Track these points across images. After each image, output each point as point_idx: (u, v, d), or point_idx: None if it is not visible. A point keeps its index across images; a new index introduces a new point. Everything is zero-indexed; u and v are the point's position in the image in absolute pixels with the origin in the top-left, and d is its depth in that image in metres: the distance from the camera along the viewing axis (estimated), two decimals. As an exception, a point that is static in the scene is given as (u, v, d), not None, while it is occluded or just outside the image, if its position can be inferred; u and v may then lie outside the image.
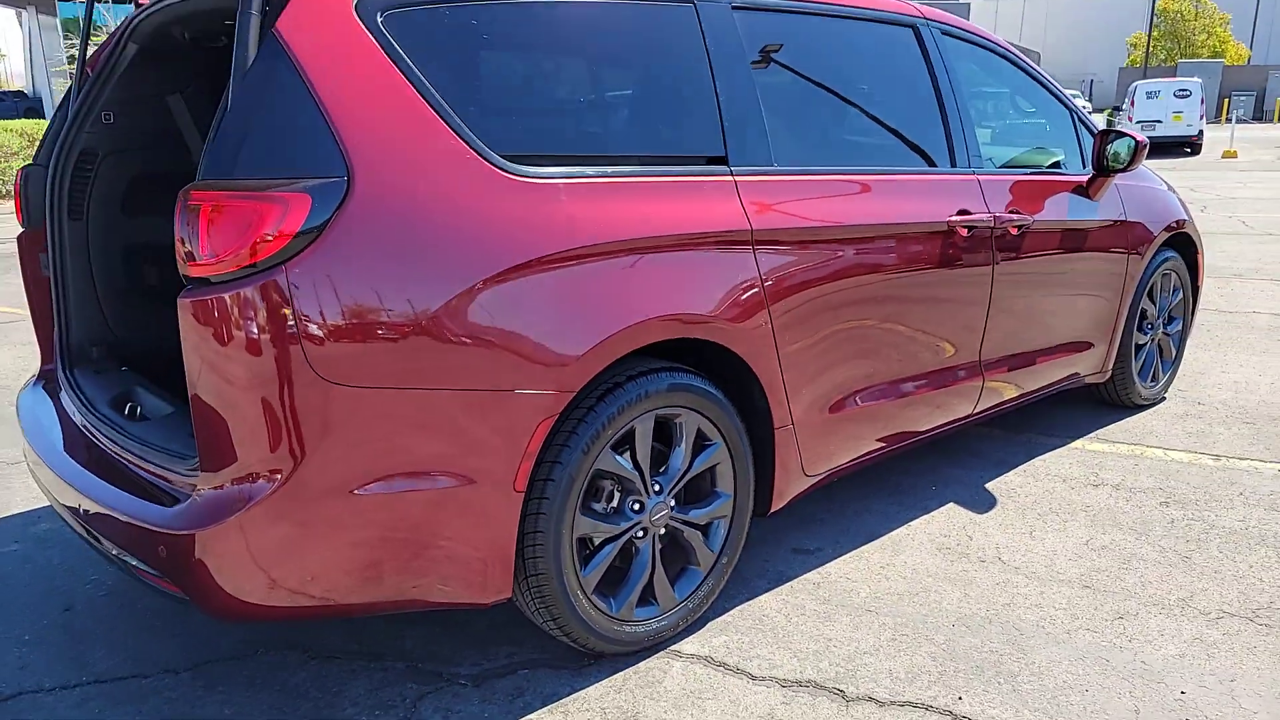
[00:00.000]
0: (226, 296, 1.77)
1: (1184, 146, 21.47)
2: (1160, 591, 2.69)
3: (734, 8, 2.56)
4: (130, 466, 2.18)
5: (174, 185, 3.01)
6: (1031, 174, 3.47)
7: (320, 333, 1.81)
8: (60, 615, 2.68)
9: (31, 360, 5.50)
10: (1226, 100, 34.03)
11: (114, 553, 2.07)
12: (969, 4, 48.49)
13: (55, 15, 35.18)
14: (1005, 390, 3.42)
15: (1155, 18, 41.83)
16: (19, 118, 24.62)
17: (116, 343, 2.91)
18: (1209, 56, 41.52)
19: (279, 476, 1.84)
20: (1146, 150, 3.58)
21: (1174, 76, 29.18)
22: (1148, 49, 40.84)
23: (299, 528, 1.88)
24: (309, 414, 1.83)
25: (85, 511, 2.14)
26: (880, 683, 2.28)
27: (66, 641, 2.53)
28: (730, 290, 2.37)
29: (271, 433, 1.82)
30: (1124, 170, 3.56)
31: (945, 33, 3.21)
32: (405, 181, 1.90)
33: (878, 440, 2.96)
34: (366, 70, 1.91)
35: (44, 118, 31.95)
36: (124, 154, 2.85)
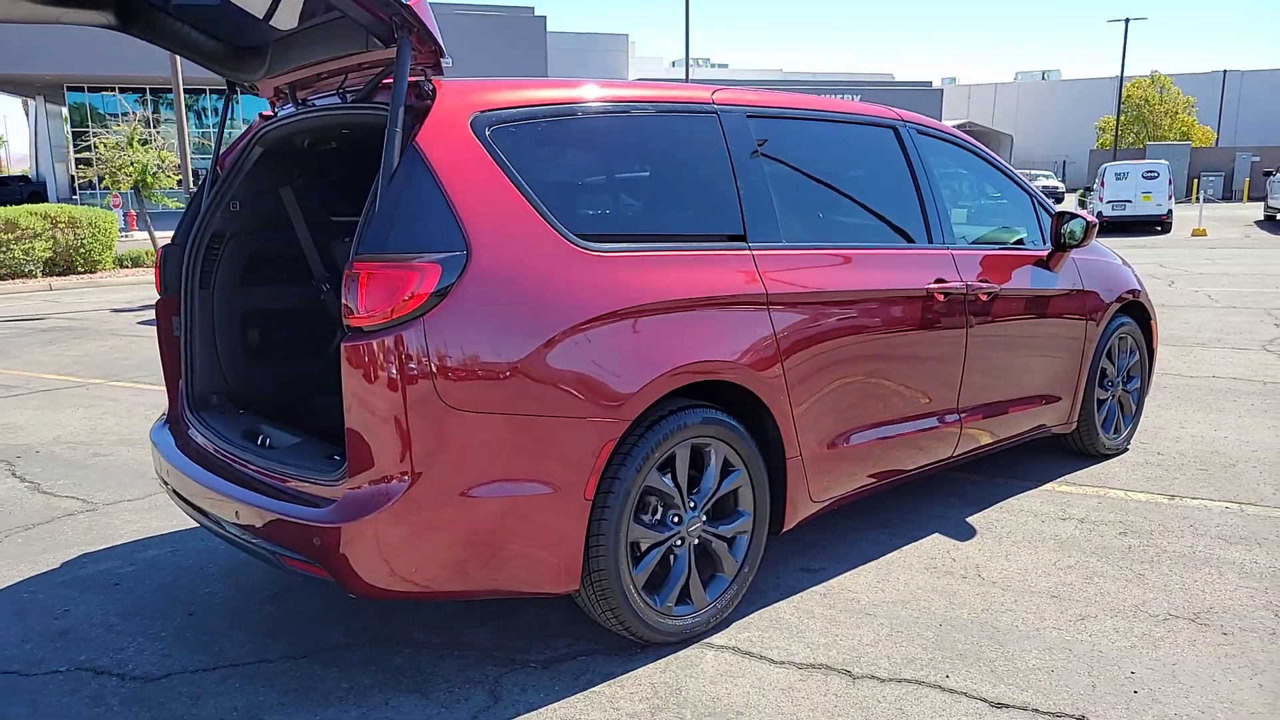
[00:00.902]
0: (377, 342, 2.32)
1: (1155, 225, 22.42)
2: (1116, 600, 3.18)
3: (748, 116, 3.18)
4: (274, 482, 2.69)
5: (281, 262, 3.59)
6: (998, 249, 4.08)
7: (446, 369, 2.36)
8: (186, 618, 3.15)
9: (96, 421, 6.02)
10: (1196, 180, 35.52)
11: (267, 550, 2.56)
12: (942, 90, 50.56)
13: (63, 104, 36.58)
14: (981, 436, 3.95)
15: (1123, 103, 43.78)
16: (24, 201, 25.40)
17: (231, 392, 3.44)
18: (1176, 139, 43.38)
19: (412, 480, 2.36)
20: (1097, 229, 4.20)
21: (1143, 159, 30.56)
22: (1116, 132, 42.68)
23: (424, 522, 2.39)
24: (436, 432, 2.36)
25: (240, 517, 2.65)
26: (880, 666, 2.76)
27: (196, 637, 3.00)
28: (751, 342, 2.93)
29: (408, 446, 2.34)
30: (1078, 246, 4.17)
31: (920, 131, 3.85)
32: (507, 254, 2.47)
33: (870, 475, 3.48)
34: (478, 171, 2.50)
35: (48, 200, 32.92)
36: (244, 236, 3.42)
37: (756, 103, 3.23)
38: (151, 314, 11.41)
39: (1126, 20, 39.93)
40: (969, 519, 3.95)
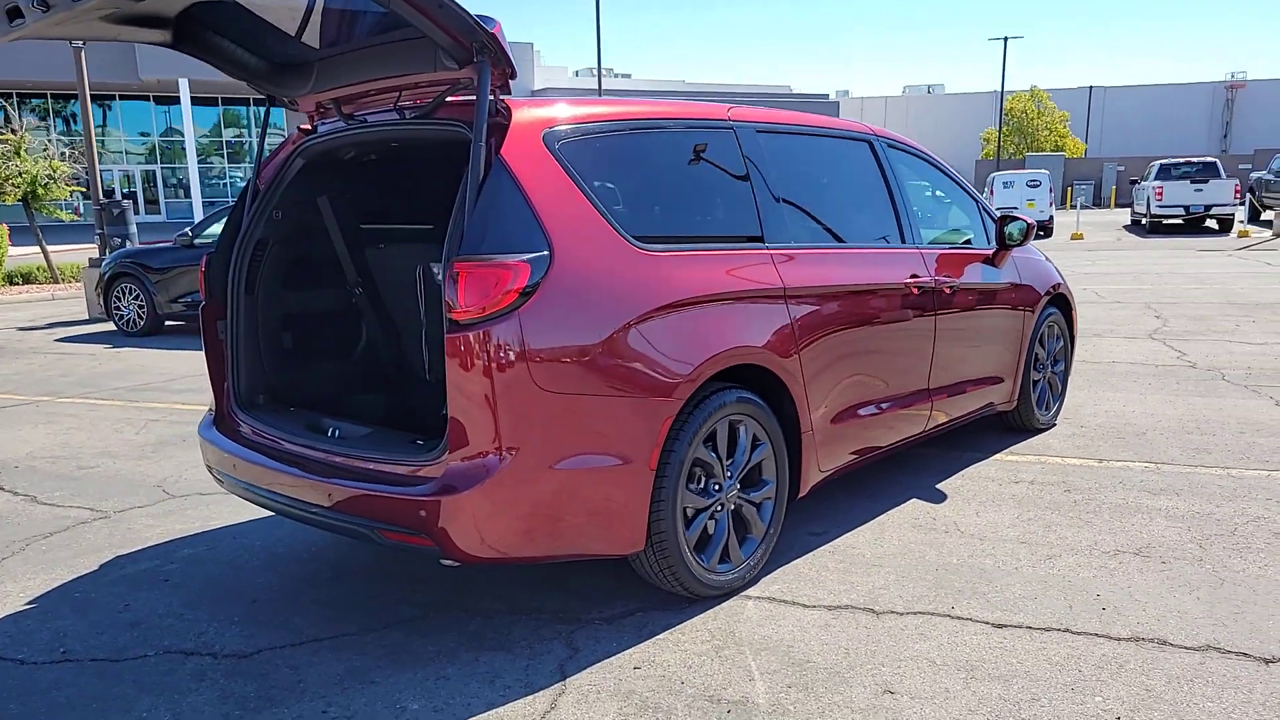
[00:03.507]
0: (476, 333, 2.63)
1: (1039, 230, 24.13)
2: (1074, 542, 3.72)
3: (757, 131, 3.60)
4: (365, 466, 2.93)
5: (317, 267, 3.82)
6: (953, 248, 4.62)
7: (536, 356, 2.68)
8: (250, 604, 3.34)
9: (64, 436, 5.99)
10: (1070, 189, 38.17)
11: (364, 525, 2.82)
12: (838, 103, 52.64)
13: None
14: (946, 413, 4.48)
15: (1004, 116, 46.59)
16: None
17: (275, 390, 3.64)
18: (1052, 150, 46.50)
19: (509, 455, 2.67)
20: (1035, 230, 4.79)
21: (1024, 169, 32.65)
22: (999, 143, 45.48)
23: (518, 493, 2.71)
24: (528, 412, 2.68)
25: (333, 499, 2.89)
26: (896, 603, 3.21)
27: (269, 619, 3.21)
28: (774, 330, 3.34)
29: (504, 424, 2.65)
30: (1019, 245, 4.76)
31: (890, 145, 4.36)
32: (582, 254, 2.81)
33: (863, 448, 3.94)
34: (553, 181, 2.83)
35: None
36: (285, 242, 3.64)
37: (762, 119, 3.66)
38: (68, 330, 11.14)
39: (1005, 39, 42.64)
40: (938, 485, 4.46)
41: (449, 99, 3.02)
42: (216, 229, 10.87)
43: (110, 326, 11.10)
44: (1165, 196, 22.58)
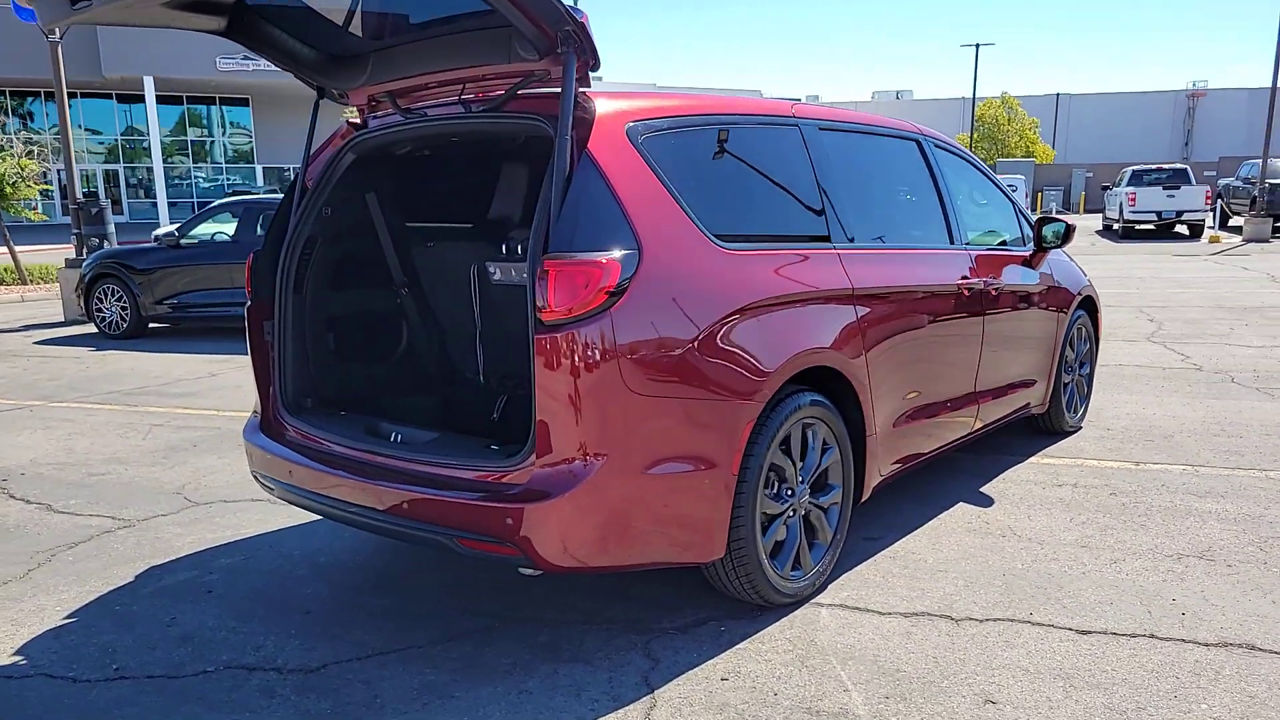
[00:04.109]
0: (567, 334, 2.53)
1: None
2: (1134, 546, 3.70)
3: (820, 129, 3.54)
4: (438, 472, 2.82)
5: (364, 266, 3.70)
6: (994, 250, 4.59)
7: (628, 357, 2.59)
8: (304, 616, 3.21)
9: (67, 442, 5.78)
10: (1040, 194, 38.70)
11: (438, 534, 2.70)
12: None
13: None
14: (991, 414, 4.44)
15: (975, 122, 47.14)
16: None
17: (323, 394, 3.51)
18: (1022, 156, 47.13)
19: (598, 460, 2.57)
20: (1075, 232, 4.79)
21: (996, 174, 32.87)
22: (970, 149, 45.94)
23: (608, 499, 2.61)
24: (620, 416, 2.59)
25: (407, 507, 2.77)
26: (973, 610, 3.15)
27: (327, 631, 3.08)
28: (843, 331, 3.27)
29: (596, 429, 2.56)
30: (1057, 247, 4.74)
31: (936, 145, 4.32)
32: (669, 252, 2.72)
33: (918, 451, 3.89)
34: (639, 176, 2.74)
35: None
36: (333, 240, 3.51)
37: (824, 116, 3.60)
38: (46, 333, 10.82)
39: (977, 45, 43.12)
40: (982, 490, 4.43)
41: (521, 92, 2.92)
42: (204, 229, 10.63)
43: (89, 329, 10.79)
44: (1138, 202, 22.93)
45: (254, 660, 2.90)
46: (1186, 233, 23.30)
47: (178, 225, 10.77)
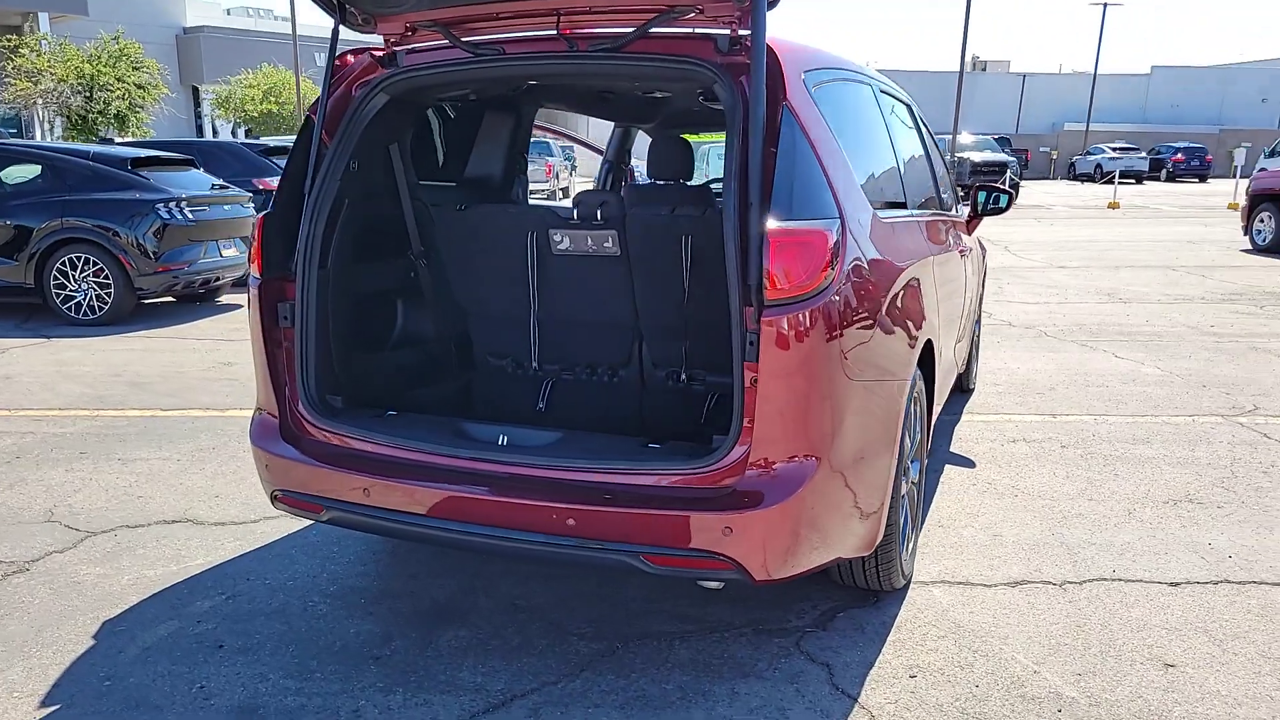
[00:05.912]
0: (794, 315, 2.19)
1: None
2: (1129, 494, 3.95)
3: (881, 90, 3.38)
4: (600, 481, 2.35)
5: (384, 235, 3.04)
6: (952, 215, 4.71)
7: (843, 337, 2.30)
8: (377, 662, 2.62)
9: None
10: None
11: (622, 552, 2.26)
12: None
13: None
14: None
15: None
16: None
17: (348, 389, 2.84)
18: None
19: (820, 455, 2.27)
20: (1014, 200, 5.03)
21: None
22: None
23: (829, 498, 2.32)
24: (840, 404, 2.30)
25: (576, 525, 2.28)
26: (1064, 573, 3.20)
27: (426, 679, 2.53)
28: (931, 300, 3.17)
29: (822, 420, 2.26)
30: (999, 214, 4.96)
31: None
32: (856, 221, 2.45)
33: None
34: (825, 135, 2.43)
35: None
36: (357, 202, 2.83)
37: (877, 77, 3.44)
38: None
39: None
40: (952, 450, 4.58)
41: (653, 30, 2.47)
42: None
43: None
44: None
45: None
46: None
47: None
